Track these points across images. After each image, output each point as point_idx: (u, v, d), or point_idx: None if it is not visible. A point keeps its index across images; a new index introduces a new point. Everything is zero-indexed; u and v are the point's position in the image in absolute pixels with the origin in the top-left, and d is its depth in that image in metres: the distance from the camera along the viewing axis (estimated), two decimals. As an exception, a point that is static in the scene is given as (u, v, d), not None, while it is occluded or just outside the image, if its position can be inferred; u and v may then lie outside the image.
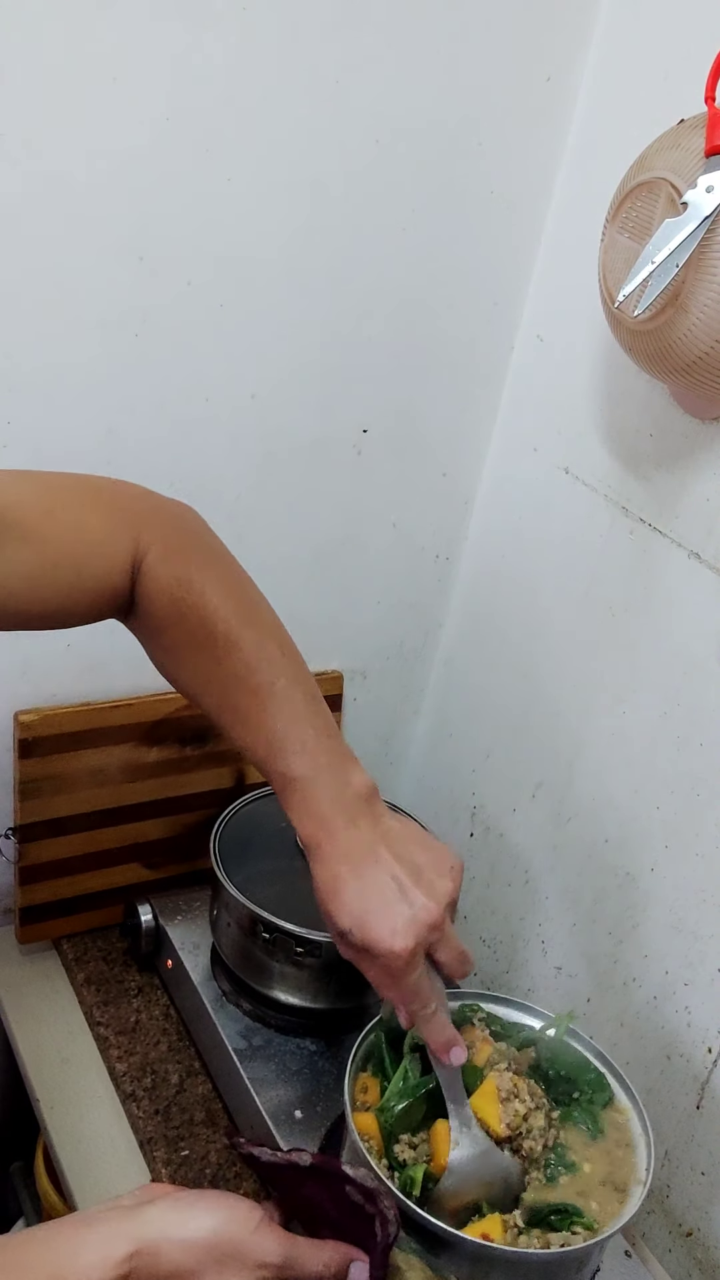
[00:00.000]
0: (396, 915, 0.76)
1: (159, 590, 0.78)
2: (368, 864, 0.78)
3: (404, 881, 0.78)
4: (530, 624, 1.19)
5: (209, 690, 0.80)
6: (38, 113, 0.85)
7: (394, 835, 0.80)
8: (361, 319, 1.07)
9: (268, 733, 0.78)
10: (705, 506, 0.97)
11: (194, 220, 0.95)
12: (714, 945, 0.99)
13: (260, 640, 0.80)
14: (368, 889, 0.77)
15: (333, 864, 0.78)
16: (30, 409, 0.96)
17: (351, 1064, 0.86)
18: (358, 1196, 0.65)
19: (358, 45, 0.94)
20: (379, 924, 0.76)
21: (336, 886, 0.77)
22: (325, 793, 0.78)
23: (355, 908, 0.77)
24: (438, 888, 0.79)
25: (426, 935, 0.77)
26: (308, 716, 0.80)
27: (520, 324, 1.16)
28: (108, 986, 1.13)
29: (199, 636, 0.78)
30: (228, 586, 0.81)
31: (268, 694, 0.79)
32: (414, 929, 0.76)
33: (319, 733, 0.80)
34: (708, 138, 0.79)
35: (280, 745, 0.78)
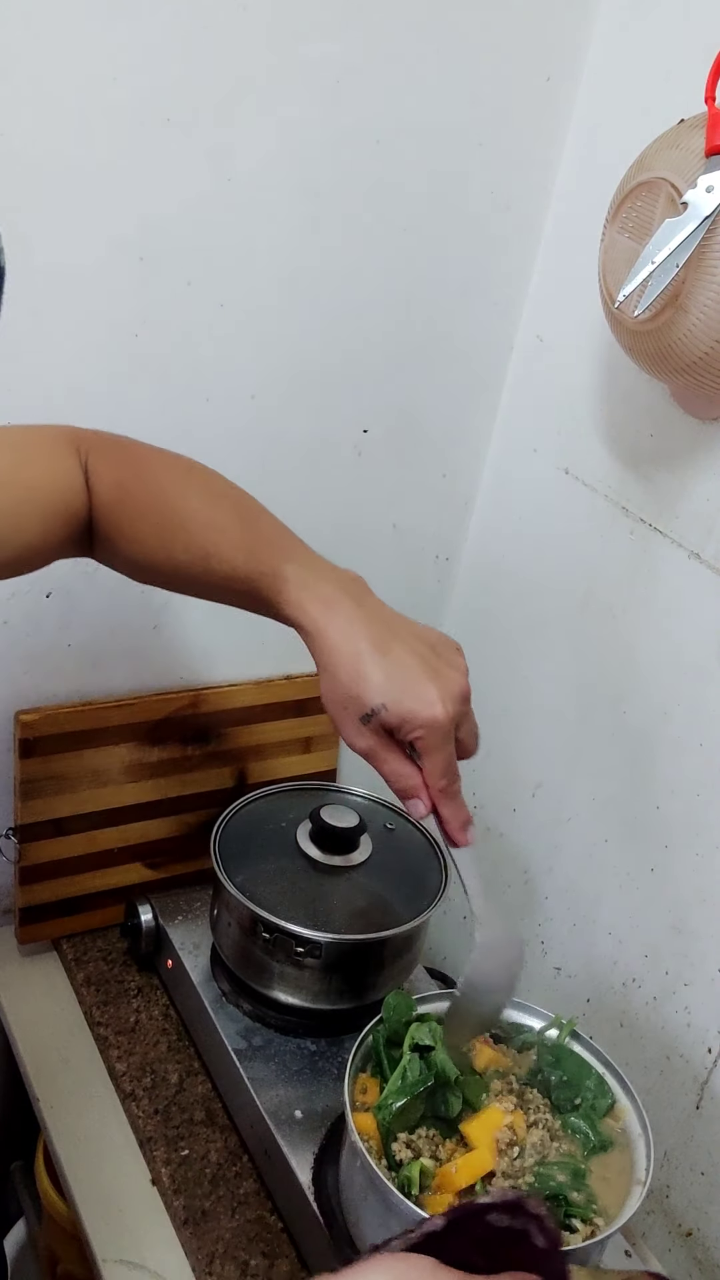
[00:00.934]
0: (430, 687, 0.75)
1: (106, 482, 0.79)
2: (389, 639, 0.76)
3: (427, 656, 0.76)
4: (530, 624, 1.19)
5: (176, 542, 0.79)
6: (38, 113, 0.85)
7: (399, 617, 0.79)
8: (361, 319, 1.07)
9: (246, 550, 0.78)
10: (705, 506, 0.97)
11: (194, 220, 0.95)
12: (714, 945, 0.99)
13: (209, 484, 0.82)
14: (395, 663, 0.75)
15: (350, 642, 0.75)
16: (30, 409, 0.96)
17: (351, 1064, 0.86)
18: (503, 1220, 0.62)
19: (358, 45, 0.94)
20: (416, 696, 0.74)
21: (360, 664, 0.75)
22: (326, 577, 0.78)
23: (386, 682, 0.74)
24: (457, 662, 0.78)
25: (459, 707, 0.76)
26: (279, 532, 0.81)
27: (520, 324, 1.16)
28: (108, 986, 1.13)
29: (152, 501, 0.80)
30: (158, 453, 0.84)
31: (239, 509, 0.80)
32: (449, 699, 0.75)
33: (295, 540, 0.81)
34: (708, 138, 0.79)
35: (266, 547, 0.78)
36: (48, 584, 1.04)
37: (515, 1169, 0.83)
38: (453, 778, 0.78)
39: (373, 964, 1.01)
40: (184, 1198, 0.95)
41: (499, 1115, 0.85)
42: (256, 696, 1.19)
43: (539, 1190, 0.81)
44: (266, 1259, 0.91)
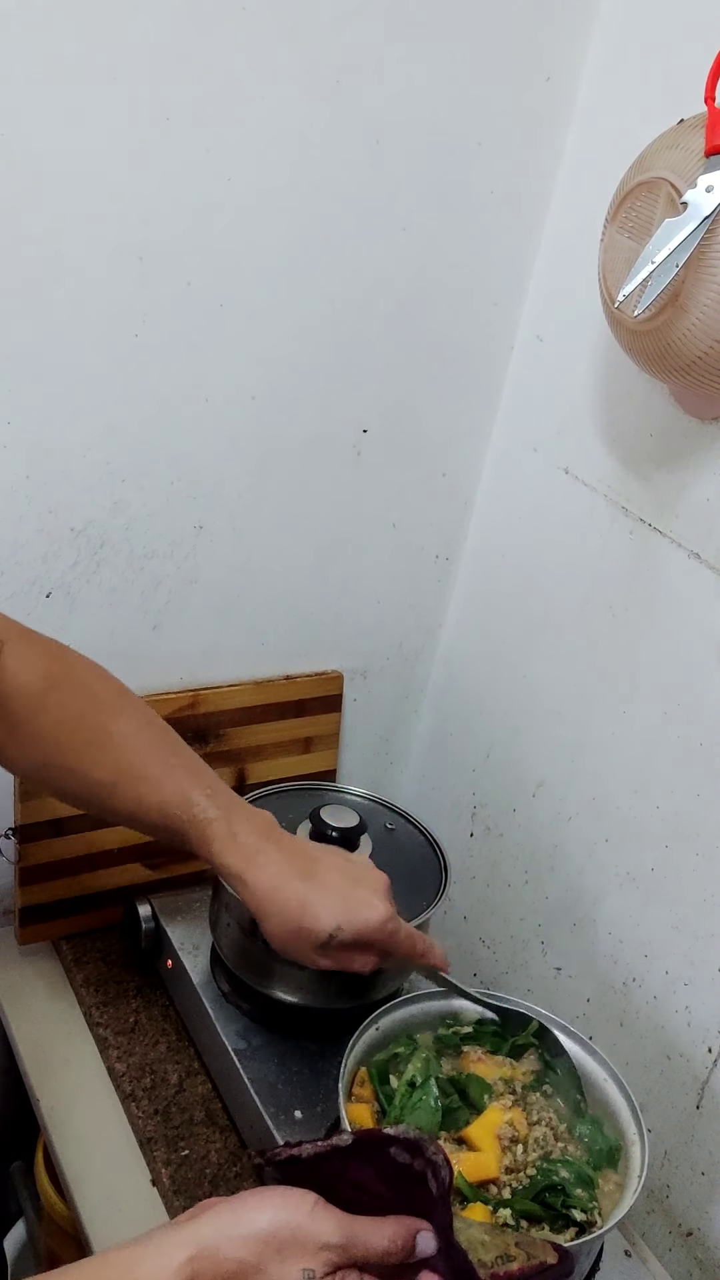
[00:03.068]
0: (367, 892, 0.83)
1: (27, 670, 0.80)
2: (316, 870, 0.84)
3: (347, 868, 0.85)
4: (530, 624, 1.19)
5: (99, 764, 0.82)
6: (38, 113, 0.86)
7: (306, 843, 0.88)
8: (361, 319, 1.07)
9: (173, 785, 0.82)
10: (705, 506, 0.97)
11: (194, 220, 0.95)
12: (714, 945, 0.99)
13: (137, 706, 0.85)
14: (331, 889, 0.83)
15: (285, 885, 0.82)
16: (30, 409, 0.96)
17: (347, 1056, 0.86)
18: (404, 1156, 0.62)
19: (358, 45, 0.94)
20: (360, 905, 0.83)
21: (301, 900, 0.82)
22: (245, 825, 0.83)
23: (332, 906, 0.82)
24: (364, 861, 0.89)
25: (391, 895, 0.86)
26: (201, 767, 0.86)
27: (520, 324, 1.16)
28: (107, 986, 1.13)
29: (81, 707, 0.82)
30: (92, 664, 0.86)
31: (161, 752, 0.84)
32: (384, 892, 0.85)
33: (215, 778, 0.85)
34: (708, 138, 0.79)
35: (188, 793, 0.83)
36: (47, 584, 1.04)
37: (518, 1163, 0.83)
38: (421, 940, 0.88)
39: (373, 964, 1.01)
40: (184, 1198, 0.95)
41: (498, 1114, 0.85)
42: (256, 696, 1.19)
43: (541, 1182, 0.82)
44: (266, 1259, 0.91)
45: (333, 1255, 0.60)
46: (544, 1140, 0.85)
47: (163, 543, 1.08)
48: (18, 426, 0.96)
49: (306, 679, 1.24)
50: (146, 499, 1.05)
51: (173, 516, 1.08)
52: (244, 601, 1.16)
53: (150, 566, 1.09)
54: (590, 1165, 0.85)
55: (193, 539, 1.10)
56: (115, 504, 1.04)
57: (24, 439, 0.97)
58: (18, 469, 0.98)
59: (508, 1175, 0.83)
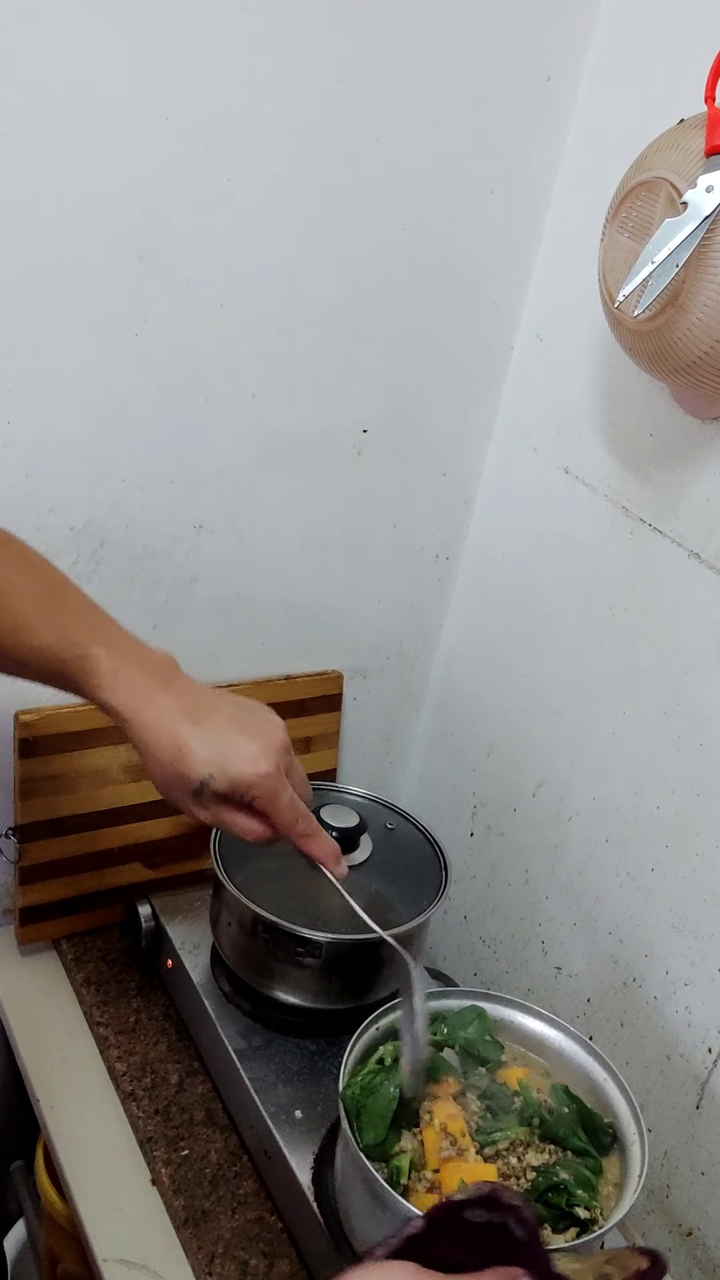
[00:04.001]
0: (251, 745, 0.78)
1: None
2: (203, 713, 0.78)
3: (241, 718, 0.79)
4: (530, 624, 1.19)
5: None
6: (38, 113, 0.85)
7: (209, 689, 0.82)
8: (361, 318, 1.07)
9: (54, 625, 0.77)
10: (705, 506, 0.97)
11: (194, 220, 0.95)
12: (714, 945, 0.99)
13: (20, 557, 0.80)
14: (212, 733, 0.77)
15: (166, 724, 0.77)
16: (30, 409, 0.96)
17: (347, 1056, 0.86)
18: (480, 1216, 0.62)
19: (358, 45, 0.94)
20: (239, 758, 0.77)
21: (179, 742, 0.77)
22: (132, 661, 0.78)
23: (208, 753, 0.77)
24: (270, 718, 0.82)
25: (283, 757, 0.79)
26: (89, 607, 0.80)
27: (520, 324, 1.16)
28: (108, 986, 1.13)
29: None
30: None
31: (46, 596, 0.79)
32: (271, 752, 0.78)
33: (104, 618, 0.80)
34: (708, 138, 0.79)
35: (70, 632, 0.77)
36: (48, 584, 1.04)
37: (514, 1169, 0.83)
38: (303, 818, 0.82)
39: (373, 964, 1.01)
40: (184, 1198, 0.95)
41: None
42: (256, 696, 1.18)
43: (542, 1183, 0.82)
44: (266, 1259, 0.91)
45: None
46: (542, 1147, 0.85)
47: (162, 542, 1.08)
48: (18, 426, 0.96)
49: (306, 679, 1.24)
50: (146, 498, 1.05)
51: (172, 515, 1.08)
52: (244, 601, 1.16)
53: (150, 565, 1.09)
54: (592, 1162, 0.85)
55: (193, 538, 1.10)
56: (115, 503, 1.04)
57: (24, 438, 0.97)
58: (18, 468, 0.98)
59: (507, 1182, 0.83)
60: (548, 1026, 0.95)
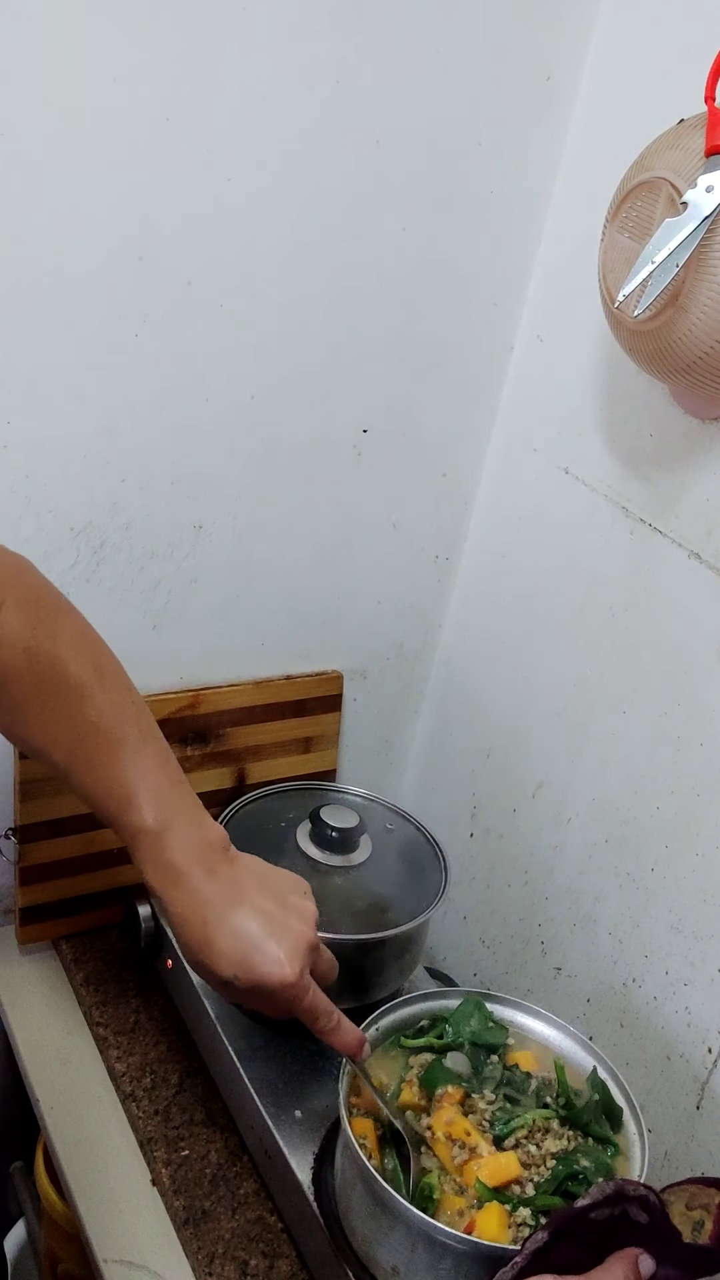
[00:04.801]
0: (276, 950, 0.78)
1: (11, 638, 0.77)
2: (232, 908, 0.78)
3: (272, 913, 0.79)
4: (530, 624, 1.19)
5: (60, 742, 0.79)
6: (38, 113, 0.86)
7: (250, 873, 0.81)
8: (361, 319, 1.07)
9: (121, 783, 0.78)
10: (705, 506, 0.97)
11: (194, 220, 0.95)
12: (714, 945, 0.99)
13: (112, 689, 0.80)
14: (239, 932, 0.78)
15: (197, 917, 0.78)
16: (30, 409, 0.96)
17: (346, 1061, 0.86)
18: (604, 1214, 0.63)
19: (357, 45, 0.94)
20: (263, 961, 0.77)
21: (207, 936, 0.77)
22: (179, 844, 0.78)
23: (233, 953, 0.77)
24: (304, 909, 0.81)
25: (308, 957, 0.80)
26: (160, 767, 0.80)
27: (520, 324, 1.16)
28: (108, 986, 1.13)
29: (50, 684, 0.78)
30: (78, 637, 0.81)
31: (120, 743, 0.79)
32: (295, 956, 0.78)
33: (172, 783, 0.80)
34: (708, 138, 0.79)
35: (132, 795, 0.78)
36: (48, 584, 1.04)
37: (533, 1158, 0.83)
38: (328, 1013, 0.82)
39: (373, 964, 1.01)
40: (184, 1198, 0.95)
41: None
42: (256, 697, 1.19)
43: (562, 1171, 0.82)
44: (266, 1259, 0.91)
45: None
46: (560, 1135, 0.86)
47: (162, 543, 1.08)
48: (17, 427, 0.96)
49: (306, 679, 1.24)
50: (146, 499, 1.05)
51: (172, 516, 1.08)
52: (244, 601, 1.16)
53: (150, 566, 1.09)
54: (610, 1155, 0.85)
55: (192, 539, 1.10)
56: (115, 504, 1.04)
57: (24, 439, 0.97)
58: (17, 469, 0.98)
59: (527, 1172, 0.83)
60: (548, 1026, 0.95)
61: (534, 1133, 0.85)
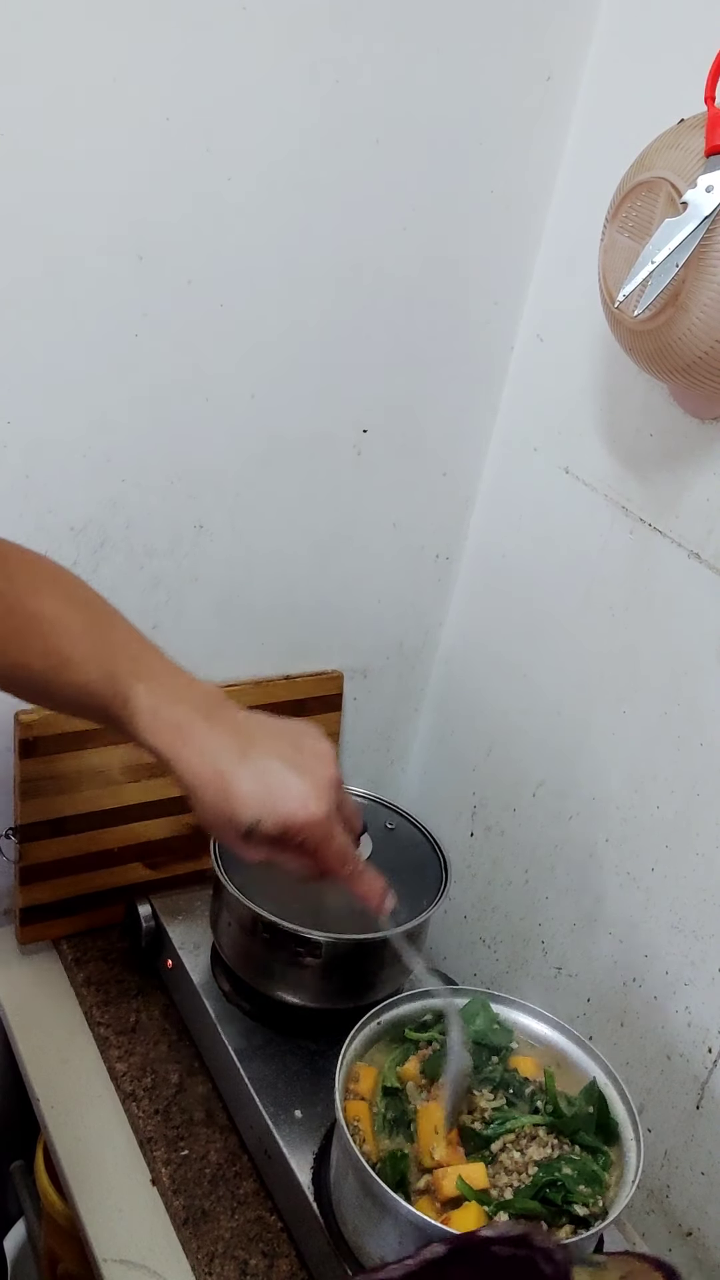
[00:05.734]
0: (301, 785, 0.74)
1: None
2: (247, 752, 0.74)
3: (288, 754, 0.75)
4: (530, 624, 1.19)
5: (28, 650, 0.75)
6: (38, 113, 0.85)
7: (255, 720, 0.78)
8: (361, 318, 1.07)
9: (97, 663, 0.74)
10: (705, 506, 0.97)
11: (194, 220, 0.95)
12: (714, 945, 0.99)
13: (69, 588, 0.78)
14: (260, 775, 0.74)
15: (210, 765, 0.73)
16: (30, 409, 0.96)
17: (346, 1049, 0.87)
18: (506, 1250, 0.62)
19: (358, 45, 0.94)
20: (288, 800, 0.74)
21: (225, 783, 0.73)
22: (173, 698, 0.75)
23: (257, 796, 0.73)
24: (320, 750, 0.77)
25: (333, 795, 0.76)
26: (133, 640, 0.77)
27: (520, 324, 1.16)
28: (108, 986, 1.13)
29: (7, 602, 0.74)
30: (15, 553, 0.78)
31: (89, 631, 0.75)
32: (322, 791, 0.75)
33: (148, 651, 0.77)
34: (708, 138, 0.79)
35: (112, 669, 0.74)
36: (48, 584, 1.04)
37: (517, 1164, 0.84)
38: (351, 860, 0.79)
39: (373, 964, 1.01)
40: (184, 1198, 0.95)
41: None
42: (256, 696, 1.19)
43: (542, 1178, 0.82)
44: (266, 1259, 0.91)
45: None
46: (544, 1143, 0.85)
47: (162, 541, 1.08)
48: (17, 425, 0.96)
49: (306, 679, 1.24)
50: (146, 498, 1.05)
51: (172, 515, 1.08)
52: (244, 600, 1.16)
53: (150, 565, 1.09)
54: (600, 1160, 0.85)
55: (192, 538, 1.10)
56: (115, 503, 1.04)
57: (23, 438, 0.97)
58: (17, 468, 0.98)
59: (508, 1176, 0.83)
60: (548, 1026, 0.95)
61: (520, 1138, 0.85)
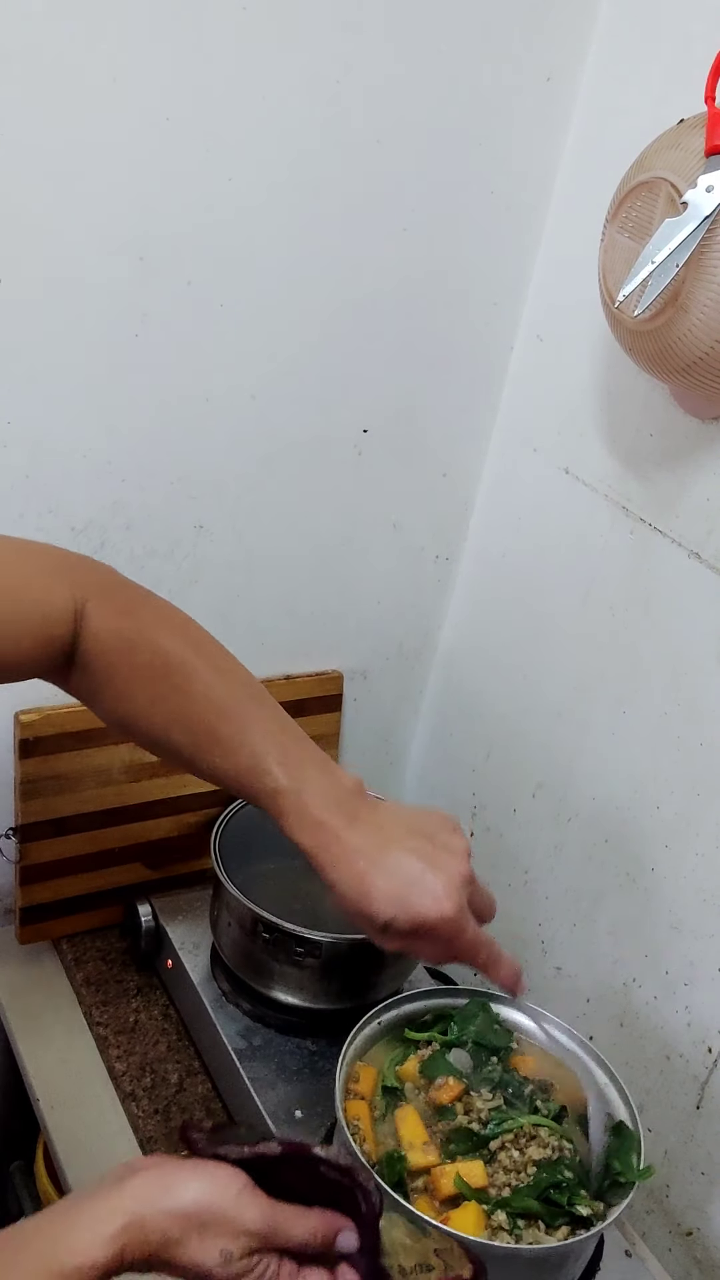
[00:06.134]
0: (434, 884, 0.77)
1: (105, 629, 0.78)
2: (384, 850, 0.77)
3: (424, 851, 0.78)
4: (530, 624, 1.19)
5: (175, 724, 0.79)
6: (38, 113, 0.86)
7: (393, 815, 0.81)
8: (361, 318, 1.07)
9: (247, 751, 0.78)
10: (705, 506, 0.97)
11: (194, 220, 0.95)
12: (714, 945, 0.99)
13: (215, 661, 0.81)
14: (395, 874, 0.77)
15: (349, 865, 0.77)
16: (30, 409, 0.96)
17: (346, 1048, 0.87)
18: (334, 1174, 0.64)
19: (358, 45, 0.94)
20: (421, 899, 0.76)
21: (364, 885, 0.76)
22: (317, 798, 0.78)
23: (391, 896, 0.76)
24: (454, 845, 0.80)
25: (465, 890, 0.78)
26: (281, 727, 0.80)
27: (520, 324, 1.16)
28: (108, 986, 1.13)
29: (155, 667, 0.78)
30: (170, 618, 0.82)
31: (238, 711, 0.79)
32: (454, 890, 0.77)
33: (295, 741, 0.80)
34: (708, 138, 0.80)
35: (261, 760, 0.78)
36: (48, 584, 1.04)
37: (516, 1163, 0.84)
38: (485, 947, 0.81)
39: (372, 964, 1.01)
40: (184, 1198, 0.95)
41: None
42: (256, 696, 1.19)
43: (545, 1180, 0.82)
44: (266, 1259, 0.91)
45: (252, 1241, 0.62)
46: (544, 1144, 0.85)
47: (163, 542, 1.08)
48: (18, 426, 0.96)
49: (306, 679, 1.24)
50: (147, 499, 1.05)
51: (173, 516, 1.08)
52: (244, 601, 1.16)
53: (150, 566, 1.09)
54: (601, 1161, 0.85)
55: (193, 539, 1.10)
56: (115, 504, 1.04)
57: (24, 438, 0.97)
58: (18, 468, 0.98)
59: (506, 1175, 0.83)
60: (548, 1027, 0.95)
61: (519, 1137, 0.85)
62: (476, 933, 0.80)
